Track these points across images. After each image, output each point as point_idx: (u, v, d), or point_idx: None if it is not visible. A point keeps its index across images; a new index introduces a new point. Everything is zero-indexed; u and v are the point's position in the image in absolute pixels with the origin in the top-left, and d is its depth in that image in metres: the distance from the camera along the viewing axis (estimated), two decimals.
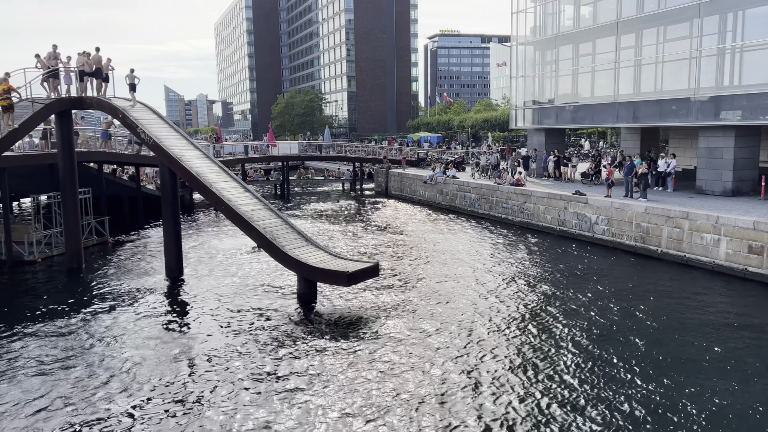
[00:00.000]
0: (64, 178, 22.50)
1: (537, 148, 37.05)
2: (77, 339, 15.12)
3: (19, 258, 23.71)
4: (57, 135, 22.41)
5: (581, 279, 20.34)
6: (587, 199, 26.08)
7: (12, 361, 13.81)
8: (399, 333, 15.16)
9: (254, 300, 18.27)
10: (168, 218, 20.67)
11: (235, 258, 23.96)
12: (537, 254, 24.12)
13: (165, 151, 19.60)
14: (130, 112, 20.85)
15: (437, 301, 17.87)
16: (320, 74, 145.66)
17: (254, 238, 18.08)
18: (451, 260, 23.20)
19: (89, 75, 22.03)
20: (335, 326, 15.84)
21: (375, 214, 37.06)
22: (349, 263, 17.22)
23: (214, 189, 18.86)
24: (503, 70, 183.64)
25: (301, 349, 14.13)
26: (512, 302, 17.68)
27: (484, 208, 33.48)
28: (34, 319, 16.81)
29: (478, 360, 13.38)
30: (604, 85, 31.98)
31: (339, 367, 13.09)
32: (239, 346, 14.47)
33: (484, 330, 15.28)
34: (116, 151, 30.37)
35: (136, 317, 16.89)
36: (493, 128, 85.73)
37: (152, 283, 20.44)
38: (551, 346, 14.20)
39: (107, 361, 13.68)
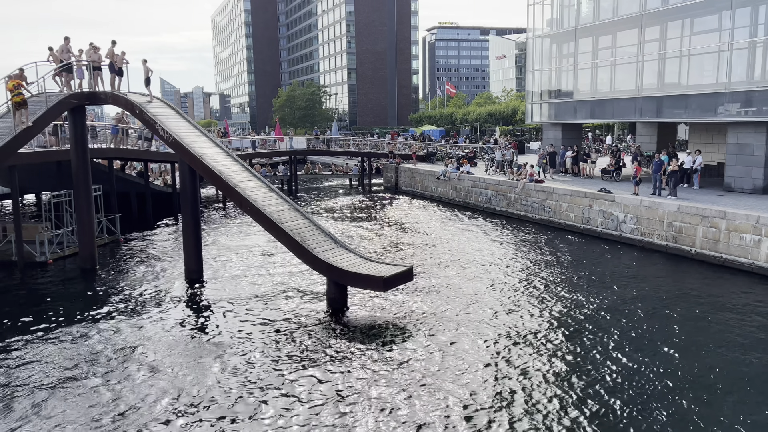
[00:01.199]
0: (78, 175, 21.68)
1: (553, 143, 36.29)
2: (95, 347, 14.34)
3: (30, 259, 22.89)
4: (70, 131, 21.58)
5: (613, 281, 19.67)
6: (614, 196, 25.38)
7: (27, 370, 13.07)
8: (432, 341, 14.49)
9: (281, 305, 17.53)
10: (188, 218, 19.89)
11: (255, 259, 23.17)
12: (564, 254, 23.42)
13: (186, 149, 18.79)
14: (148, 107, 20.01)
15: (467, 305, 17.16)
16: (319, 67, 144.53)
17: (282, 240, 17.31)
18: (475, 261, 22.49)
19: (98, 69, 21.14)
20: (368, 333, 15.12)
21: (388, 211, 36.30)
22: (382, 267, 16.48)
23: (239, 189, 18.07)
24: (503, 62, 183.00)
25: (334, 359, 13.40)
26: (545, 306, 16.98)
27: (501, 205, 32.76)
28: (49, 325, 16.03)
29: (513, 371, 12.70)
30: (625, 80, 31.23)
31: (373, 378, 12.40)
32: (268, 355, 13.74)
33: (518, 337, 14.58)
34: (128, 147, 29.47)
35: (157, 324, 16.14)
36: (497, 122, 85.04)
37: (171, 287, 19.67)
38: (586, 355, 13.48)
39: (127, 371, 12.95)
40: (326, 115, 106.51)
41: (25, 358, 13.87)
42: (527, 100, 37.98)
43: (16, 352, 14.29)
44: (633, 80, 30.41)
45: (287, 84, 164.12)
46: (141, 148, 30.52)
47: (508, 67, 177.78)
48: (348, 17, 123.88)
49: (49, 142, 25.31)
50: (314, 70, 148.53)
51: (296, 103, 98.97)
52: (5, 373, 13.04)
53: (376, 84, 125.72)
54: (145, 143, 30.61)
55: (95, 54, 21.22)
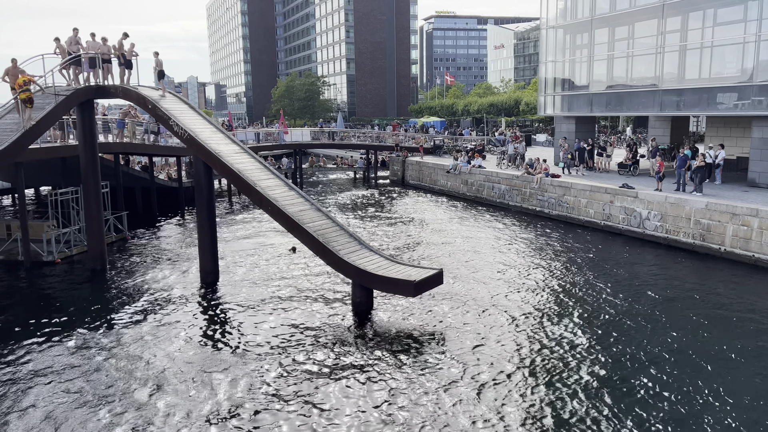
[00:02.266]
0: (86, 172, 20.86)
1: (567, 136, 35.57)
2: (108, 354, 13.62)
3: (37, 258, 22.10)
4: (78, 126, 20.73)
5: (640, 281, 19.10)
6: (637, 192, 24.72)
7: (35, 377, 12.39)
8: (461, 347, 13.97)
9: (303, 308, 16.84)
10: (203, 217, 19.13)
11: (271, 258, 22.39)
12: (586, 252, 22.78)
13: (203, 146, 18.00)
14: (161, 103, 19.19)
15: (492, 308, 16.55)
16: (317, 57, 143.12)
17: (306, 241, 16.59)
18: (496, 260, 21.84)
19: (108, 62, 20.31)
20: (396, 339, 14.51)
21: (397, 206, 35.59)
22: (411, 270, 15.80)
23: (259, 188, 17.32)
24: (501, 52, 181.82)
25: (363, 367, 12.73)
26: (572, 309, 16.35)
27: (515, 200, 32.08)
28: (59, 329, 15.35)
29: (542, 379, 12.09)
30: (644, 72, 30.50)
31: (404, 387, 11.75)
32: (293, 363, 13.10)
33: (546, 343, 13.96)
34: (135, 141, 28.62)
35: (172, 329, 15.46)
36: (499, 113, 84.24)
37: (186, 289, 18.94)
38: (616, 364, 12.83)
39: (141, 380, 12.27)
40: (325, 106, 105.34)
41: (33, 365, 13.17)
42: (540, 91, 37.20)
43: (24, 358, 13.61)
44: (652, 72, 29.67)
45: (284, 74, 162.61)
46: (148, 142, 29.64)
47: (507, 56, 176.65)
48: (347, 6, 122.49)
49: (54, 137, 24.43)
50: (312, 60, 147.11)
51: (295, 94, 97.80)
52: (13, 381, 12.38)
53: (375, 74, 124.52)
54: (152, 137, 29.75)
55: (104, 46, 20.36)
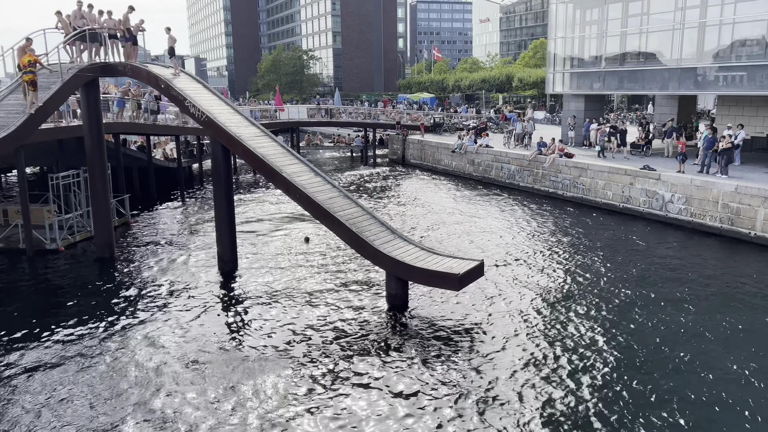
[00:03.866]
0: (92, 154, 19.69)
1: (576, 115, 34.84)
2: (123, 353, 12.67)
3: (40, 246, 20.92)
4: (82, 106, 19.50)
5: (670, 267, 18.55)
6: (660, 174, 24.10)
7: (42, 376, 11.59)
8: (501, 343, 13.33)
9: (331, 301, 16.00)
10: (221, 203, 18.10)
11: (292, 246, 21.33)
12: (608, 235, 22.21)
13: (224, 129, 16.90)
14: (175, 82, 18.00)
15: (530, 299, 15.88)
16: (301, 30, 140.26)
17: (337, 231, 15.69)
18: (521, 246, 21.17)
19: (114, 37, 19.03)
20: (434, 335, 13.78)
21: (401, 186, 34.74)
22: (451, 261, 14.99)
23: (285, 174, 16.32)
24: (486, 26, 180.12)
25: (403, 369, 11.96)
26: (608, 297, 15.72)
27: (526, 181, 31.36)
28: (70, 323, 14.37)
29: (582, 380, 11.42)
30: (659, 48, 29.74)
31: (447, 388, 11.03)
32: (326, 360, 12.27)
33: (585, 337, 13.31)
34: (135, 121, 27.29)
35: (192, 323, 14.61)
36: (491, 89, 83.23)
37: (203, 280, 17.93)
38: (656, 363, 12.26)
39: (159, 380, 11.45)
40: (313, 81, 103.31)
41: (41, 363, 12.27)
42: (548, 69, 36.30)
43: (32, 355, 12.72)
44: (668, 49, 28.93)
45: (266, 47, 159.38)
46: (147, 122, 28.31)
47: (492, 30, 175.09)
48: None
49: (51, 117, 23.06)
50: (296, 33, 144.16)
51: (282, 69, 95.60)
52: (20, 382, 11.54)
53: (361, 48, 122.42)
54: (151, 116, 28.43)
55: (110, 20, 19.05)
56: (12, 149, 15.72)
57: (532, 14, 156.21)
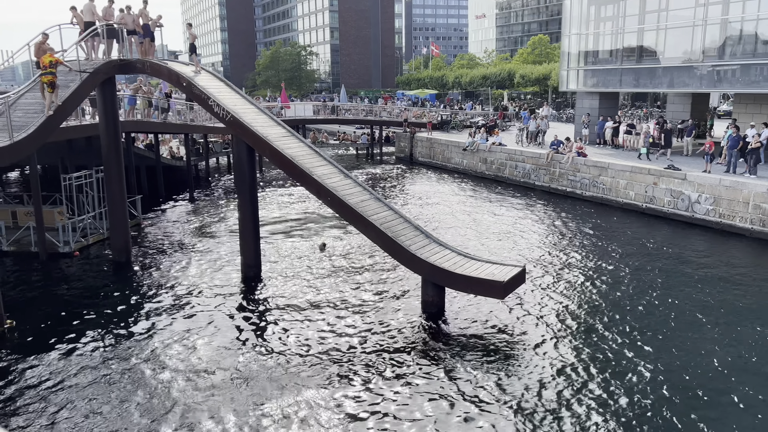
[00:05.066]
0: (108, 154, 18.98)
1: (590, 113, 34.34)
2: (147, 365, 12.05)
3: (53, 250, 20.21)
4: (99, 104, 18.79)
5: (704, 269, 18.08)
6: (685, 174, 23.63)
7: (61, 392, 10.94)
8: (542, 353, 12.75)
9: (362, 308, 15.43)
10: (245, 205, 17.46)
11: (314, 251, 20.58)
12: (633, 235, 21.74)
13: (250, 130, 16.26)
14: (197, 80, 17.33)
15: (566, 307, 15.32)
16: (297, 25, 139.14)
17: (372, 236, 15.10)
18: (544, 246, 20.69)
19: (133, 33, 18.33)
20: (474, 345, 13.27)
21: (411, 185, 34.17)
22: (492, 268, 14.44)
23: (316, 176, 15.71)
24: (482, 22, 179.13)
25: (442, 381, 11.41)
26: (643, 303, 15.21)
27: (542, 180, 30.84)
28: (88, 333, 13.70)
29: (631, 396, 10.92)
30: (679, 46, 29.25)
31: (492, 404, 10.48)
32: (360, 371, 11.70)
33: (625, 345, 12.79)
34: (147, 120, 26.57)
35: (218, 332, 14.04)
36: (492, 85, 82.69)
37: (227, 285, 17.30)
38: (704, 378, 11.80)
39: (186, 397, 10.81)
40: (311, 77, 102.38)
41: (60, 375, 11.70)
42: (562, 66, 35.77)
43: (51, 366, 12.13)
44: (688, 46, 28.45)
45: (262, 43, 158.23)
46: (157, 120, 27.57)
47: (488, 27, 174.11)
48: None
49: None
50: (292, 29, 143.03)
51: (281, 65, 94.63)
52: (38, 393, 11.00)
53: (359, 44, 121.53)
54: (162, 114, 27.70)
55: (128, 15, 18.35)
56: (32, 151, 15.04)
57: (528, 10, 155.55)
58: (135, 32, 18.05)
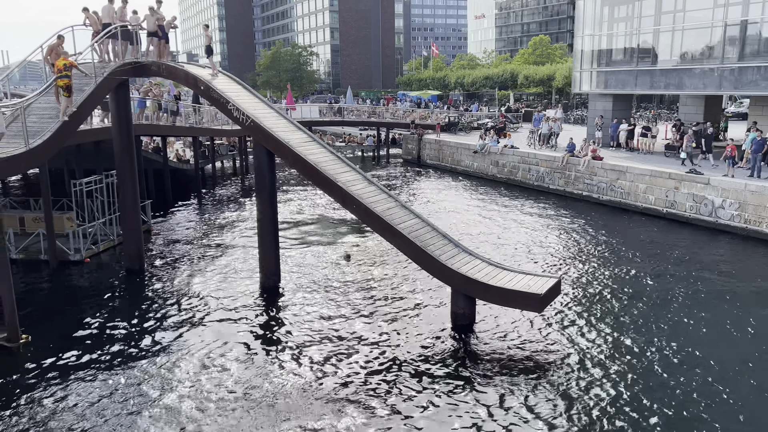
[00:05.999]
0: (122, 158, 18.38)
1: (603, 115, 33.85)
2: (165, 382, 11.48)
3: (63, 257, 19.61)
4: (112, 107, 18.23)
5: (729, 277, 17.62)
6: (708, 179, 23.14)
7: (72, 414, 10.40)
8: (577, 371, 12.17)
9: (389, 319, 14.89)
10: (265, 212, 16.89)
11: (335, 259, 19.97)
12: (656, 241, 21.25)
13: (272, 135, 15.71)
14: (215, 83, 16.77)
15: (600, 323, 14.78)
16: (296, 26, 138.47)
17: (401, 246, 14.57)
18: (567, 253, 20.18)
19: (155, 35, 17.76)
20: (508, 360, 12.76)
21: (421, 188, 33.64)
22: (527, 279, 13.90)
23: (340, 183, 15.17)
24: (481, 22, 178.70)
25: (476, 400, 10.88)
26: (674, 314, 14.70)
27: (557, 184, 30.33)
28: (104, 346, 13.12)
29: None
30: (696, 47, 28.79)
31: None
32: (390, 389, 11.16)
33: (657, 362, 12.27)
34: (156, 123, 25.99)
35: (238, 344, 13.52)
36: (494, 86, 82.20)
37: (246, 294, 16.74)
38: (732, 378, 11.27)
39: (208, 416, 10.27)
40: (312, 78, 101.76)
41: (76, 398, 11.07)
42: (574, 67, 35.29)
43: (67, 389, 11.49)
44: (707, 48, 27.97)
45: (261, 43, 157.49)
46: (166, 123, 27.00)
47: (488, 27, 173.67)
48: None
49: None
50: (291, 29, 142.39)
51: (282, 65, 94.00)
52: (57, 417, 10.46)
53: (359, 44, 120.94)
54: (171, 117, 27.12)
55: (150, 17, 17.82)
56: (47, 158, 14.46)
57: (528, 10, 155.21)
58: (156, 34, 17.45)
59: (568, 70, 68.92)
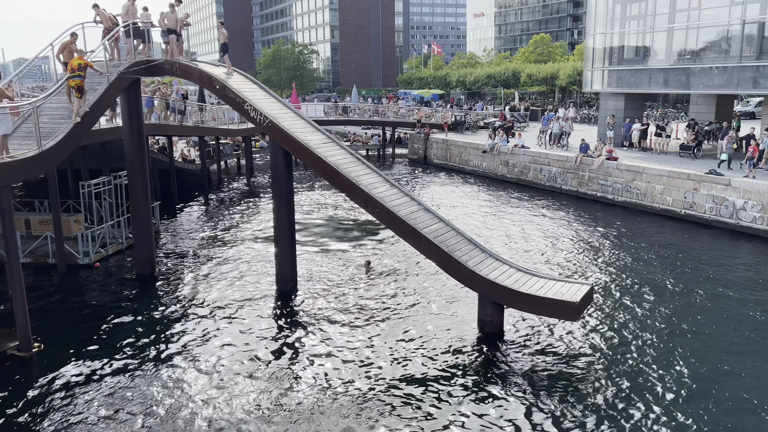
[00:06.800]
0: (133, 159, 17.86)
1: (615, 114, 33.38)
2: (183, 393, 10.98)
3: (72, 261, 19.07)
4: (123, 107, 17.70)
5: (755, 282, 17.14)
6: (729, 180, 22.69)
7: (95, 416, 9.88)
8: (615, 383, 11.63)
9: (411, 327, 14.39)
10: (282, 216, 16.39)
11: (353, 263, 19.49)
12: (677, 244, 20.78)
13: (291, 136, 15.18)
14: (230, 83, 16.24)
15: (641, 334, 14.28)
16: (294, 24, 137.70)
17: (427, 252, 14.06)
18: (592, 257, 19.71)
19: (173, 32, 17.26)
20: (535, 369, 12.29)
21: (430, 188, 33.15)
22: (559, 286, 13.40)
23: (362, 186, 14.66)
24: (480, 21, 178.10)
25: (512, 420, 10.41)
26: (705, 322, 14.25)
27: (570, 184, 29.85)
28: (122, 363, 12.58)
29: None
30: (712, 45, 28.32)
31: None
32: (414, 404, 10.68)
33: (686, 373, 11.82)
34: (165, 122, 25.43)
35: (254, 354, 13.03)
36: (496, 85, 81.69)
37: (261, 300, 16.21)
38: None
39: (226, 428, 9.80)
40: (313, 76, 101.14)
41: (91, 409, 10.55)
42: (585, 66, 34.81)
43: (81, 398, 10.98)
44: (724, 46, 27.50)
45: (259, 42, 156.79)
46: (174, 122, 26.43)
47: (487, 25, 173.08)
48: None
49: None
50: (290, 27, 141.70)
51: (283, 63, 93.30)
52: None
53: (359, 42, 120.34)
54: (179, 116, 26.56)
55: (170, 14, 17.34)
56: (60, 161, 13.91)
57: (527, 9, 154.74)
58: (175, 31, 16.92)
59: (572, 68, 68.54)
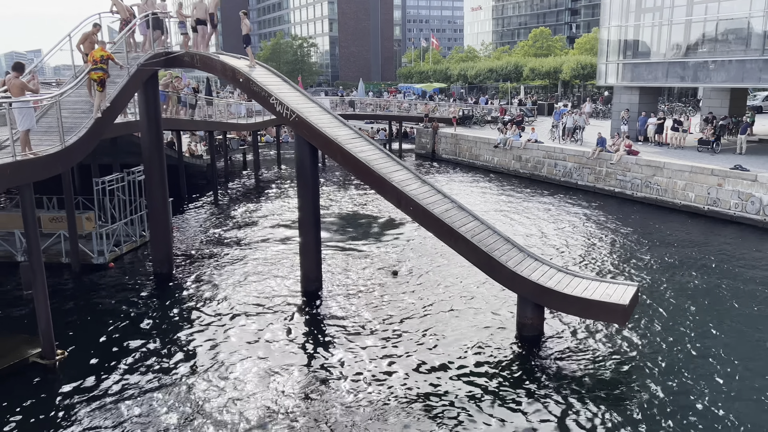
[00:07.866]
0: (151, 155, 17.25)
1: (629, 108, 32.91)
2: (206, 399, 10.46)
3: (86, 261, 18.45)
4: (140, 101, 17.06)
5: None
6: (756, 175, 22.25)
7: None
8: (657, 390, 11.17)
9: (444, 329, 13.89)
10: (307, 213, 15.83)
11: (379, 262, 18.98)
12: (703, 242, 20.35)
13: (319, 131, 14.61)
14: (254, 75, 15.63)
15: (686, 338, 13.83)
16: (292, 17, 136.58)
17: (464, 252, 13.54)
18: (620, 255, 19.24)
19: (201, 24, 16.71)
20: (578, 375, 11.83)
21: (442, 186, 32.53)
22: (604, 287, 12.90)
23: (395, 183, 14.12)
24: (478, 14, 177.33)
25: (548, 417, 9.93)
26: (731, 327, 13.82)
27: (586, 180, 29.36)
28: (145, 368, 12.04)
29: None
30: (733, 38, 27.86)
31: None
32: (449, 413, 10.18)
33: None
34: (176, 117, 24.78)
35: (282, 357, 12.56)
36: (498, 79, 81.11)
37: (285, 302, 15.63)
38: None
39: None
40: (312, 70, 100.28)
41: (117, 419, 10.02)
42: (599, 59, 34.29)
43: (106, 411, 10.37)
44: (743, 38, 27.06)
45: (256, 35, 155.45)
46: (185, 117, 25.79)
47: (485, 19, 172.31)
48: None
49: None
50: (287, 21, 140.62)
51: (283, 57, 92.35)
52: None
53: (358, 36, 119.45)
54: (190, 110, 25.91)
55: (200, 4, 16.81)
56: (83, 157, 13.29)
57: (525, 2, 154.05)
58: (203, 22, 16.31)
59: (576, 62, 68.08)
